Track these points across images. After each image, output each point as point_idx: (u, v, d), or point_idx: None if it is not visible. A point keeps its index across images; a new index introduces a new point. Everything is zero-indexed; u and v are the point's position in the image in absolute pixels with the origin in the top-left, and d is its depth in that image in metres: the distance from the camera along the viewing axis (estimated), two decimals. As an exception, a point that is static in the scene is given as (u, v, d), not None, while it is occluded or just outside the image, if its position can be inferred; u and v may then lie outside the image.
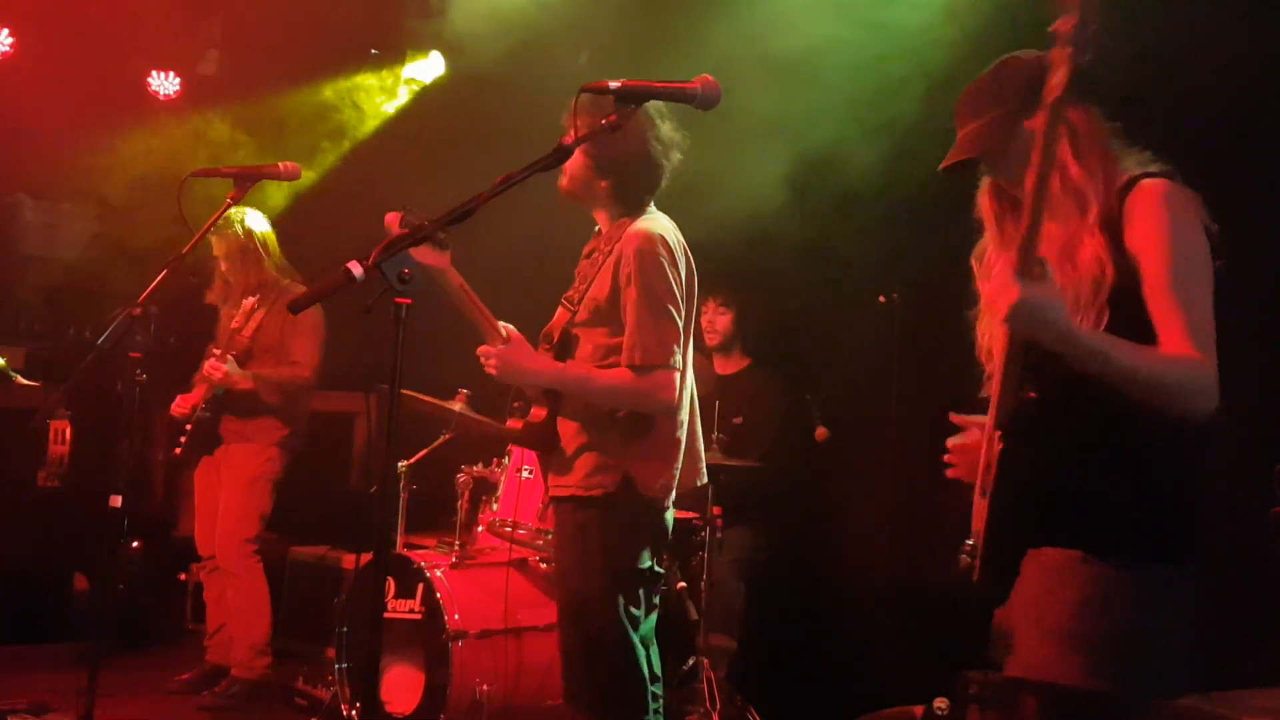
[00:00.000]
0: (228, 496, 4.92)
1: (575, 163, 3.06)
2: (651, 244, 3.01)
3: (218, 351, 4.84)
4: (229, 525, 4.89)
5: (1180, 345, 2.02)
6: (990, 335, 2.32)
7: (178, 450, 4.93)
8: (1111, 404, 2.05)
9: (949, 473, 2.39)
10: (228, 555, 4.88)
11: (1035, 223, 1.98)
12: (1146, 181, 2.14)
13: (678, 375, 3.01)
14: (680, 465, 3.10)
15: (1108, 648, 2.07)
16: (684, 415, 3.12)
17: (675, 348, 3.00)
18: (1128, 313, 2.07)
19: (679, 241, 3.11)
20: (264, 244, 5.01)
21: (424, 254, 2.92)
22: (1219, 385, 2.03)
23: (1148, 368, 2.02)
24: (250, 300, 4.94)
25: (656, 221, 3.11)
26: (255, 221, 5.00)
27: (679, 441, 3.09)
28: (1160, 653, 2.09)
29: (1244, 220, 2.29)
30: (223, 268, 5.01)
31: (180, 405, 4.93)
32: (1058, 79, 1.97)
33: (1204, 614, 2.12)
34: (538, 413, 3.12)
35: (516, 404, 3.47)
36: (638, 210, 3.14)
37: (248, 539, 4.89)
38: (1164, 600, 2.09)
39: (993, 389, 2.22)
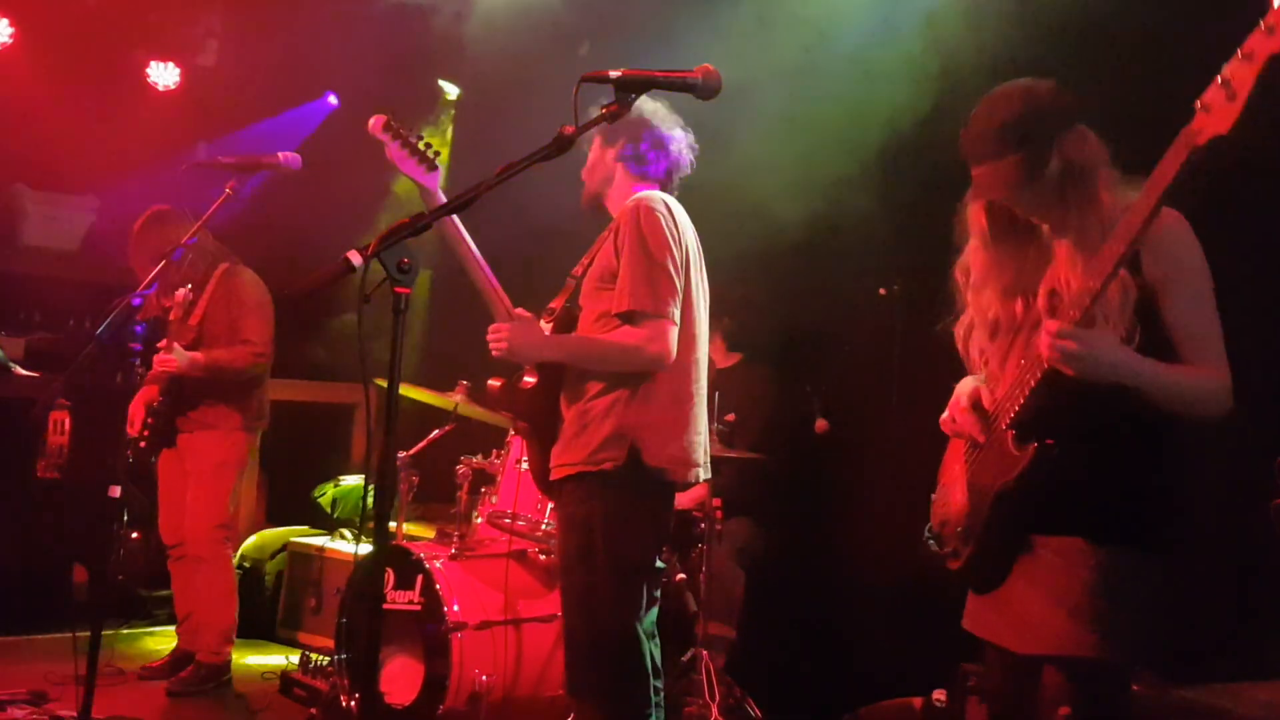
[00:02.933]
0: (194, 484, 4.89)
1: (592, 152, 3.19)
2: (650, 204, 3.04)
3: (162, 345, 4.74)
4: (198, 513, 4.86)
5: (1199, 359, 2.23)
6: (990, 351, 2.48)
7: (142, 444, 4.85)
8: (1119, 409, 2.21)
9: (955, 429, 2.53)
10: (198, 542, 4.86)
11: (1105, 287, 2.13)
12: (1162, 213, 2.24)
13: (671, 328, 2.96)
14: (699, 440, 3.06)
15: (1119, 624, 2.24)
16: (697, 389, 3.08)
17: (669, 300, 2.96)
18: (1150, 331, 2.22)
19: (682, 212, 3.12)
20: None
21: (412, 169, 2.95)
22: (1232, 390, 2.25)
23: (1184, 385, 2.22)
24: (184, 291, 4.79)
25: (659, 192, 3.14)
26: (173, 227, 4.66)
27: (690, 414, 3.05)
28: (1153, 627, 2.30)
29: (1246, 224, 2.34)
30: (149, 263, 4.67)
31: (136, 407, 4.85)
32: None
33: (1179, 591, 2.33)
34: (529, 380, 3.10)
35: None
36: (652, 183, 3.17)
37: (218, 525, 4.88)
38: (1158, 581, 2.29)
39: (999, 397, 2.38)
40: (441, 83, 7.36)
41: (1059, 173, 2.29)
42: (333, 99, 7.33)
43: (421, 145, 2.98)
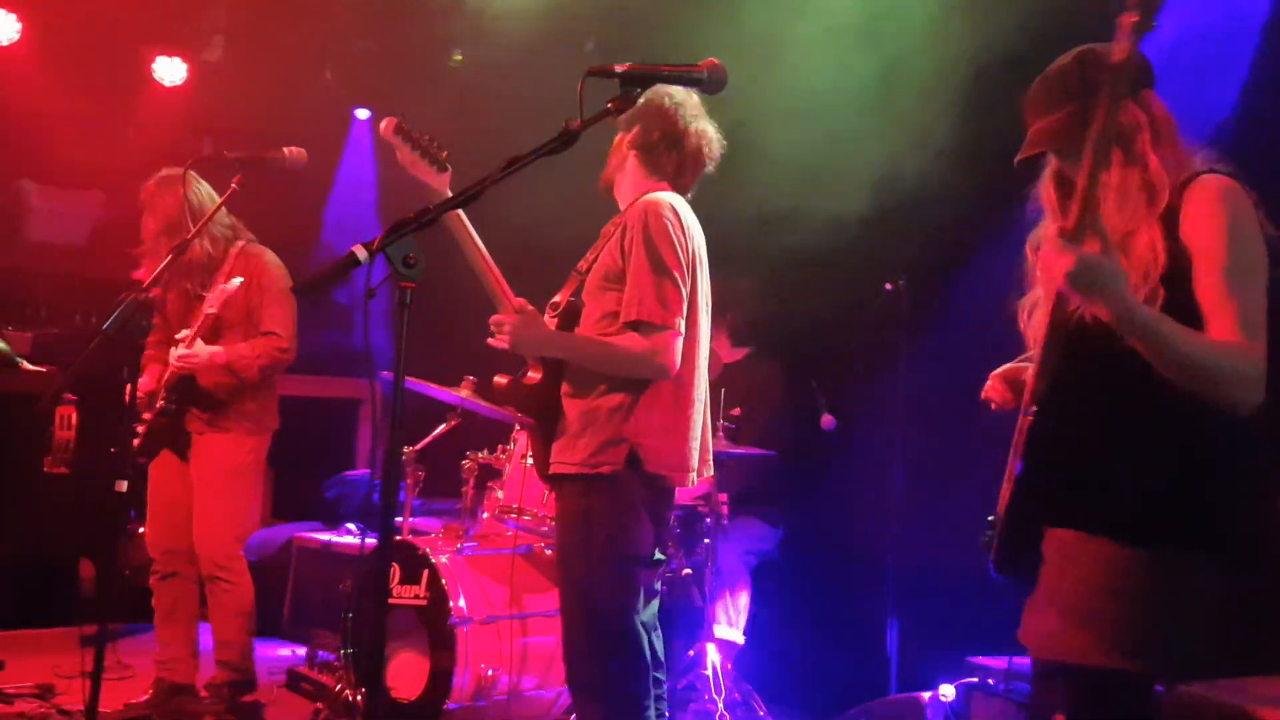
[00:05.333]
0: (206, 494, 4.33)
1: (618, 135, 3.16)
2: (658, 208, 3.01)
3: (183, 335, 4.17)
4: (214, 525, 4.32)
5: (1230, 334, 2.05)
6: (1037, 324, 2.34)
7: (136, 441, 4.24)
8: (1148, 390, 2.08)
9: (984, 394, 2.46)
10: (215, 558, 4.31)
11: (1091, 194, 2.03)
12: (1208, 176, 2.16)
13: (677, 339, 2.96)
14: (696, 445, 3.06)
15: (1122, 627, 2.09)
16: (698, 394, 3.08)
17: (676, 310, 2.96)
18: (1179, 298, 2.10)
19: (689, 214, 3.10)
20: (202, 213, 4.14)
21: (423, 172, 2.93)
22: (1266, 378, 2.05)
23: (1198, 351, 2.04)
24: (235, 285, 4.23)
25: (669, 194, 3.11)
26: (190, 190, 4.14)
27: (690, 419, 3.04)
28: (1183, 635, 2.10)
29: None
30: (162, 246, 4.18)
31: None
32: (1121, 47, 1.97)
33: (1235, 600, 2.15)
34: (533, 375, 3.10)
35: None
36: (663, 182, 3.14)
37: (238, 537, 4.37)
38: (1186, 584, 2.11)
39: (1031, 371, 2.27)
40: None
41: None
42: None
43: (434, 147, 2.96)
